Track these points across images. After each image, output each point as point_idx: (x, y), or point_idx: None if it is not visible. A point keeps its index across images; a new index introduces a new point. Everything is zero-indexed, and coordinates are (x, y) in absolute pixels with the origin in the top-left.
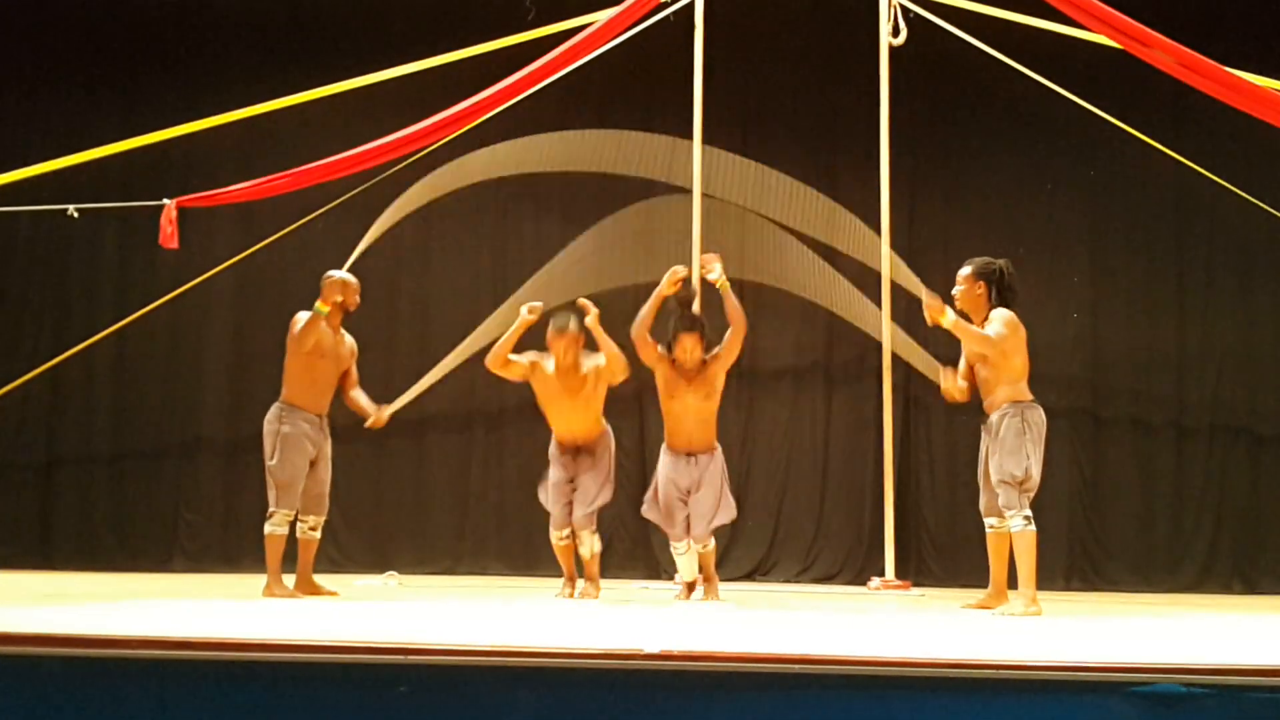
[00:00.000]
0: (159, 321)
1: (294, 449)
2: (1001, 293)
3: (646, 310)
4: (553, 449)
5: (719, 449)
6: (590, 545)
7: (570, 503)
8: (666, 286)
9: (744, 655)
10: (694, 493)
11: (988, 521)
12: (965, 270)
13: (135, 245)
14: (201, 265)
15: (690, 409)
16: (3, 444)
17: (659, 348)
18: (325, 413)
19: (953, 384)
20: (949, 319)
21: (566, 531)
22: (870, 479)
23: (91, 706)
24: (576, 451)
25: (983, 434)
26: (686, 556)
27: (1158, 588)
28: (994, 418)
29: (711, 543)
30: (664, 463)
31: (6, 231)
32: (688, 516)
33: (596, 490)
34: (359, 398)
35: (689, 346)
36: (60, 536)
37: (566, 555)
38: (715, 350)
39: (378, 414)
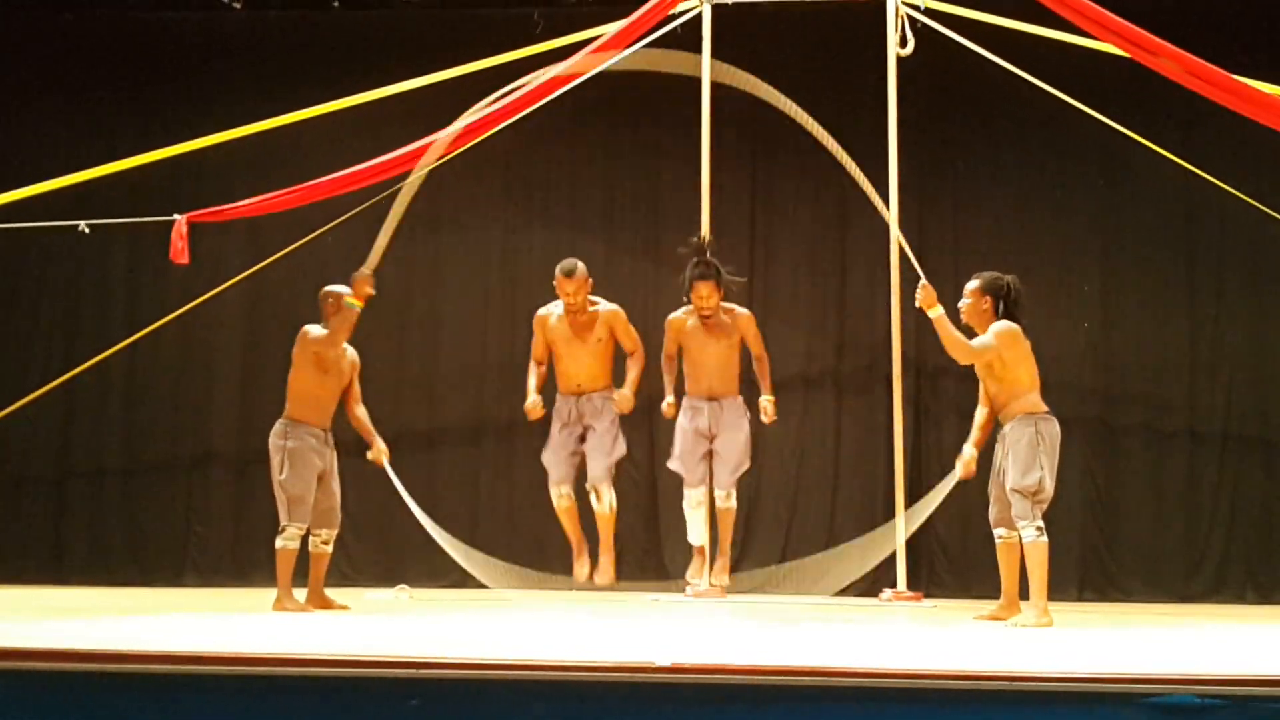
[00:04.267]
0: (169, 336)
1: (302, 463)
2: (1008, 308)
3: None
4: (556, 404)
5: (741, 398)
6: (609, 500)
7: (574, 454)
8: None
9: (755, 668)
10: (717, 437)
11: (997, 532)
12: (972, 284)
13: (146, 260)
14: (212, 280)
15: (710, 355)
16: (14, 459)
17: (673, 319)
18: (329, 427)
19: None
20: (935, 312)
21: (567, 489)
22: (881, 489)
23: None
24: (580, 397)
25: (997, 445)
26: (699, 511)
27: (1171, 597)
28: (1007, 429)
29: (734, 500)
30: (682, 411)
31: (18, 247)
32: (708, 462)
33: (612, 440)
34: (363, 418)
35: (705, 294)
36: (72, 551)
37: (571, 519)
38: (739, 311)
39: (378, 449)
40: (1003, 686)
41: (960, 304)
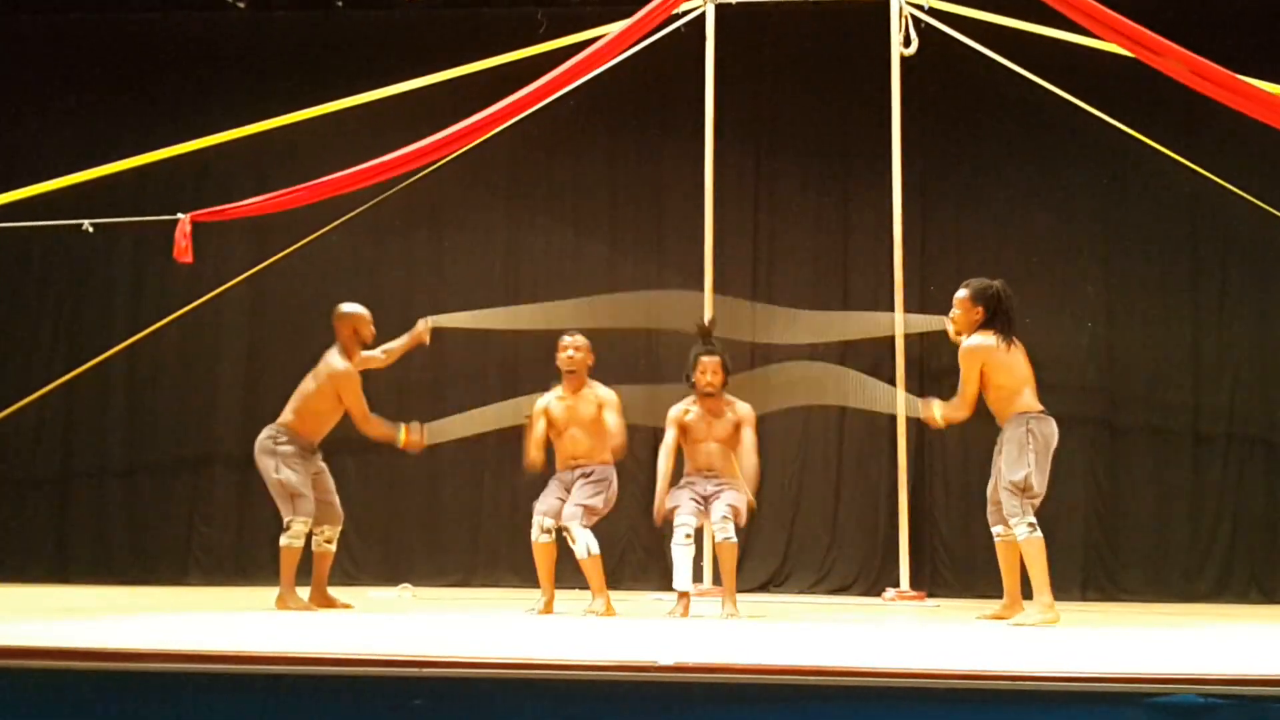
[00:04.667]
0: (173, 336)
1: (296, 461)
2: (997, 315)
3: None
4: (556, 473)
5: (740, 478)
6: (585, 543)
7: (562, 499)
8: None
9: (758, 667)
10: (712, 494)
11: (995, 530)
12: (961, 293)
13: (149, 260)
14: (215, 279)
15: (709, 444)
16: (18, 458)
17: (674, 413)
18: (319, 443)
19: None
20: (941, 416)
21: (551, 522)
22: (884, 490)
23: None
24: (577, 470)
25: (995, 446)
26: (687, 548)
27: (1175, 597)
28: (1004, 429)
29: (731, 532)
30: (679, 482)
31: (22, 246)
32: (702, 504)
33: (592, 493)
34: (378, 426)
35: (709, 370)
36: (75, 550)
37: (546, 559)
38: (741, 405)
39: (408, 434)
40: (1005, 686)
41: (950, 314)
